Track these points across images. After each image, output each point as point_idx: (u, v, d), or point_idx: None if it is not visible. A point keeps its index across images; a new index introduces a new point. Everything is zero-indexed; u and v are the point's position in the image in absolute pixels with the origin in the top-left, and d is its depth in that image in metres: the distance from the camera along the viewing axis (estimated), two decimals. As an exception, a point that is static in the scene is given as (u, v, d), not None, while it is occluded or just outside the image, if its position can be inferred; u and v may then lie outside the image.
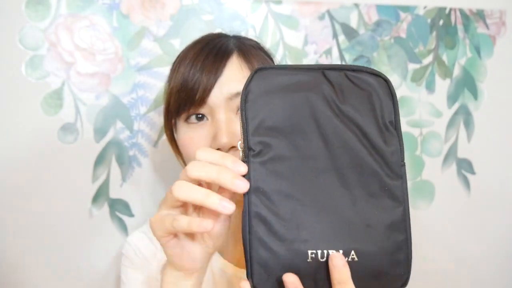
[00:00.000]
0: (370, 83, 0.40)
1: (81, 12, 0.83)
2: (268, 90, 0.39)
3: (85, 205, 0.85)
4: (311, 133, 0.39)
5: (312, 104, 0.39)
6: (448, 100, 0.98)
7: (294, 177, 0.38)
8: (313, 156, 0.39)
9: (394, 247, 0.39)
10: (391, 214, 0.39)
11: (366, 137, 0.39)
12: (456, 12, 0.97)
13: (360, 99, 0.39)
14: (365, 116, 0.39)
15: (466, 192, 1.00)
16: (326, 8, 0.92)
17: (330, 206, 0.38)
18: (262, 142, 0.39)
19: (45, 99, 0.83)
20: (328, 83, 0.39)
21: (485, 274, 1.02)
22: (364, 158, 0.39)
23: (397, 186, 0.39)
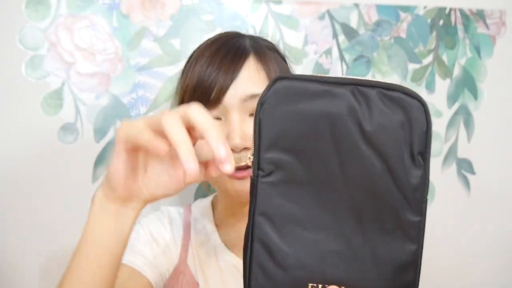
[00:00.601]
0: (405, 106, 0.34)
1: (81, 12, 0.83)
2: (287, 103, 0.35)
3: (85, 205, 0.85)
4: (329, 157, 0.35)
5: (335, 124, 0.34)
6: (448, 100, 0.98)
7: (304, 203, 0.36)
8: (328, 183, 0.35)
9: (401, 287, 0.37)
10: (403, 253, 0.37)
11: (389, 169, 0.35)
12: (456, 12, 0.97)
13: (391, 124, 0.34)
14: (393, 145, 0.34)
15: (466, 192, 1.00)
16: (326, 8, 0.92)
17: (339, 238, 0.36)
18: (274, 162, 0.36)
19: (45, 99, 0.83)
20: (357, 101, 0.34)
21: (485, 274, 1.02)
22: (384, 192, 0.35)
23: (415, 224, 0.37)
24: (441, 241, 0.99)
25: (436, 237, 0.99)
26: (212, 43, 0.66)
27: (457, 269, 1.00)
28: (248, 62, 0.61)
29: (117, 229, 0.45)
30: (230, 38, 0.66)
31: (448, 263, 1.00)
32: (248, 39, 0.66)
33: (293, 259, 0.36)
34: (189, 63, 0.66)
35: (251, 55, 0.62)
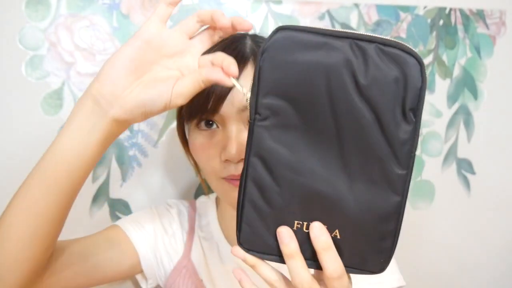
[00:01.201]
0: (402, 62, 0.35)
1: (81, 12, 0.83)
2: (286, 52, 0.36)
3: (85, 205, 0.85)
4: (323, 106, 0.36)
5: (330, 75, 0.36)
6: (448, 100, 0.98)
7: (296, 148, 0.38)
8: (320, 131, 0.37)
9: (381, 235, 0.39)
10: (387, 203, 0.38)
11: (379, 122, 0.36)
12: (456, 12, 0.97)
13: (386, 79, 0.35)
14: (386, 99, 0.36)
15: (466, 192, 1.00)
16: (326, 8, 0.92)
17: (326, 183, 0.38)
18: (270, 107, 0.38)
19: (45, 99, 0.83)
20: (354, 55, 0.36)
21: (485, 274, 1.02)
22: (372, 143, 0.37)
23: (400, 177, 0.37)
24: (441, 240, 0.99)
25: (436, 236, 0.99)
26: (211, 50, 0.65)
27: (457, 268, 1.01)
28: (246, 71, 0.59)
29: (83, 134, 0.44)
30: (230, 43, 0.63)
31: (448, 262, 1.00)
32: (250, 41, 0.64)
33: (281, 198, 0.38)
34: None
35: (250, 61, 0.61)
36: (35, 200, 0.46)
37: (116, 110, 0.43)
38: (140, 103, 0.43)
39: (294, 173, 0.38)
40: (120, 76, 0.43)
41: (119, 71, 0.43)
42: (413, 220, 0.97)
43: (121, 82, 0.43)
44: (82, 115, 0.44)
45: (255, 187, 0.39)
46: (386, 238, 0.39)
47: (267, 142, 0.38)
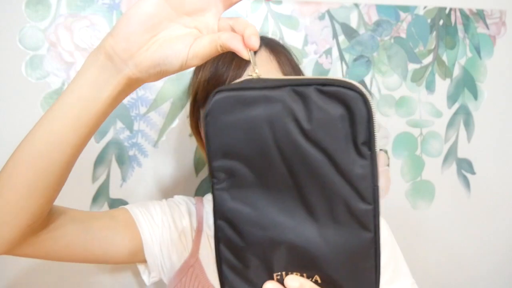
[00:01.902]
0: (344, 99, 0.35)
1: (81, 12, 0.83)
2: (228, 113, 0.36)
3: (85, 205, 0.85)
4: (274, 159, 0.36)
5: (274, 128, 0.35)
6: (448, 100, 0.98)
7: (258, 204, 0.37)
8: (278, 183, 0.37)
9: (362, 273, 0.38)
10: (359, 242, 0.37)
11: (333, 163, 0.35)
12: (456, 12, 0.97)
13: (330, 119, 0.35)
14: (334, 139, 0.35)
15: (466, 192, 1.00)
16: (326, 8, 0.92)
17: (294, 233, 0.37)
18: (224, 169, 0.37)
19: (45, 99, 0.83)
20: (294, 102, 0.35)
21: (485, 273, 1.02)
22: (331, 185, 0.36)
23: (367, 212, 0.36)
24: (441, 240, 0.99)
25: (436, 236, 0.99)
26: None
27: (456, 268, 1.01)
28: (259, 53, 0.61)
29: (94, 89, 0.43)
30: None
31: (448, 262, 1.00)
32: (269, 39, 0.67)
33: (254, 255, 0.38)
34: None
35: (262, 47, 0.62)
36: (39, 153, 0.45)
37: (130, 69, 0.41)
38: (156, 62, 0.41)
39: (261, 229, 0.37)
40: (136, 32, 0.41)
41: (135, 27, 0.41)
42: (413, 220, 0.97)
43: (137, 39, 0.41)
44: (94, 69, 0.42)
45: (227, 249, 0.39)
46: (368, 274, 0.38)
47: (229, 204, 0.38)
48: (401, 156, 0.96)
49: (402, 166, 0.97)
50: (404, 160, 0.97)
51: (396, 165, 0.96)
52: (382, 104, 0.95)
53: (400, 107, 0.96)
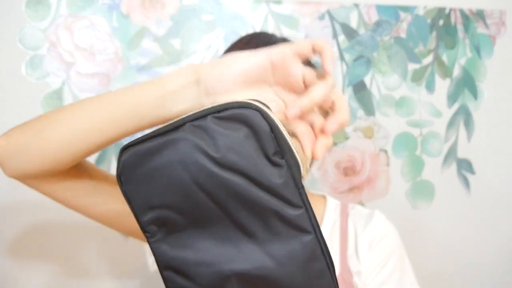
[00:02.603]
0: (242, 118, 0.35)
1: (81, 12, 0.83)
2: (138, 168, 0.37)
3: (85, 205, 0.85)
4: (197, 196, 0.36)
5: (188, 166, 0.36)
6: (448, 100, 0.98)
7: (197, 244, 0.38)
8: (208, 218, 0.37)
9: (316, 276, 0.38)
10: (303, 246, 0.37)
11: (252, 180, 0.36)
12: (456, 12, 0.97)
13: (237, 140, 0.35)
14: (246, 157, 0.35)
15: (466, 192, 1.00)
16: (326, 8, 0.92)
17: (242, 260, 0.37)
18: (154, 221, 0.38)
19: (45, 99, 0.83)
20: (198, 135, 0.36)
21: (485, 273, 1.02)
22: (257, 202, 0.36)
23: (300, 216, 0.36)
24: (441, 240, 0.99)
25: (436, 236, 0.99)
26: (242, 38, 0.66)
27: (456, 268, 1.01)
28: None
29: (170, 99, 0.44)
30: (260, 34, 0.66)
31: (448, 262, 1.00)
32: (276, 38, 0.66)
33: None
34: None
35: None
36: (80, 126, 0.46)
37: (207, 102, 0.42)
38: None
39: (207, 266, 0.38)
40: (229, 79, 0.42)
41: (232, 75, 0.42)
42: (413, 220, 0.97)
43: (228, 85, 0.42)
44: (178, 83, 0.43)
45: None
46: (323, 275, 0.38)
47: (169, 253, 0.38)
48: (401, 156, 0.96)
49: (402, 166, 0.97)
50: (404, 160, 0.97)
51: (396, 165, 0.96)
52: (382, 104, 0.95)
53: (400, 107, 0.96)
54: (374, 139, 0.95)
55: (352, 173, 0.95)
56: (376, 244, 0.66)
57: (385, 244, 0.66)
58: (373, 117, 0.94)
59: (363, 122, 0.94)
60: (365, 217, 0.69)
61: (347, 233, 0.68)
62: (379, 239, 0.66)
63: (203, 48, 0.87)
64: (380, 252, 0.65)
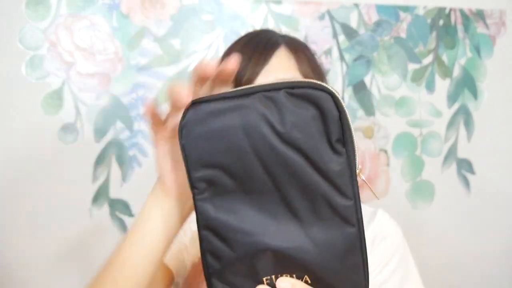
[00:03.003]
0: (313, 99, 0.36)
1: (81, 12, 0.83)
2: (202, 124, 0.37)
3: (85, 205, 0.85)
4: (252, 164, 0.37)
5: (250, 133, 0.36)
6: (448, 100, 0.98)
7: (241, 211, 0.38)
8: (258, 188, 0.37)
9: (350, 268, 0.38)
10: (344, 237, 0.37)
11: (310, 162, 0.36)
12: (456, 12, 0.97)
13: (303, 120, 0.36)
14: (309, 139, 0.36)
15: (466, 192, 1.00)
16: (326, 8, 0.92)
17: (280, 236, 0.37)
18: (204, 180, 0.38)
19: (45, 99, 0.83)
20: (266, 107, 0.36)
21: (485, 273, 1.02)
22: (311, 184, 0.36)
23: (349, 208, 0.37)
24: (441, 240, 0.99)
25: (436, 236, 0.99)
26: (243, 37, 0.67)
27: (456, 267, 1.00)
28: (279, 51, 0.62)
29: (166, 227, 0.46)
30: (261, 32, 0.67)
31: (448, 262, 1.00)
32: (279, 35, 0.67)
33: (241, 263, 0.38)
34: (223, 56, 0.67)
35: (282, 45, 0.63)
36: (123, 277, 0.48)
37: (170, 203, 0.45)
38: None
39: (246, 235, 0.38)
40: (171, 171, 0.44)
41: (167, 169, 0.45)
42: (413, 220, 0.97)
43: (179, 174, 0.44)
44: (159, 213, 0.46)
45: (214, 259, 0.39)
46: (356, 270, 0.38)
47: (212, 213, 0.38)
48: (401, 156, 0.96)
49: (402, 166, 0.97)
50: (404, 160, 0.97)
51: (396, 165, 0.96)
52: (382, 104, 0.95)
53: (400, 107, 0.96)
54: (374, 139, 0.95)
55: (352, 173, 0.95)
56: (378, 243, 0.66)
57: (388, 243, 0.66)
58: (373, 117, 0.94)
59: (363, 122, 0.94)
60: (368, 215, 0.69)
61: None
62: (382, 238, 0.66)
63: (203, 48, 0.87)
64: (383, 251, 0.65)
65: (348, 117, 0.36)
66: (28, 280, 0.84)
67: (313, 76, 0.65)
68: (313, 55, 0.69)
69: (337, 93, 0.36)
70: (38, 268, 0.84)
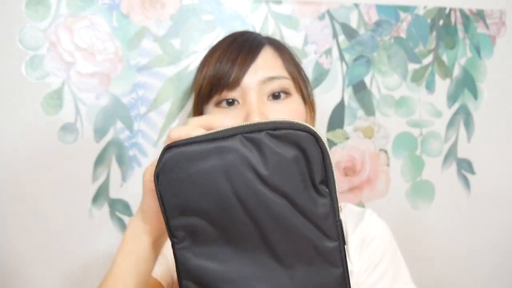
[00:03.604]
0: (295, 140, 0.34)
1: (81, 12, 0.83)
2: (180, 170, 0.35)
3: (85, 205, 0.85)
4: (235, 209, 0.35)
5: (231, 178, 0.35)
6: (448, 100, 0.98)
7: (223, 258, 0.36)
8: (241, 234, 0.36)
9: None
10: (331, 279, 0.37)
11: (294, 205, 0.35)
12: (456, 12, 0.97)
13: (285, 162, 0.34)
14: (292, 181, 0.35)
15: (466, 192, 1.00)
16: (326, 8, 0.92)
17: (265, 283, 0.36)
18: (184, 227, 0.36)
19: (45, 99, 0.83)
20: (248, 149, 0.34)
21: (485, 274, 1.02)
22: (295, 228, 0.35)
23: (334, 249, 0.36)
24: (441, 240, 0.99)
25: (436, 236, 0.99)
26: (227, 37, 0.68)
27: (456, 268, 1.00)
28: (264, 50, 0.63)
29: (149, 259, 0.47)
30: (245, 32, 0.68)
31: (448, 262, 1.00)
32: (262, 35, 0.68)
33: None
34: (205, 57, 0.68)
35: (267, 44, 0.64)
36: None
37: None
38: None
39: (229, 283, 0.36)
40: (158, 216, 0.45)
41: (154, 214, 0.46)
42: (413, 220, 0.97)
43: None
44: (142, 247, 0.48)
45: None
46: None
47: (193, 262, 0.37)
48: (401, 156, 0.96)
49: (402, 166, 0.97)
50: (404, 160, 0.97)
51: (396, 165, 0.96)
52: (382, 104, 0.95)
53: (400, 107, 0.96)
54: (374, 139, 0.95)
55: (352, 173, 0.95)
56: (368, 243, 0.65)
57: (377, 243, 0.66)
58: (373, 117, 0.94)
59: (363, 122, 0.94)
60: (356, 216, 0.69)
61: None
62: (371, 239, 0.66)
63: (203, 48, 0.87)
64: (372, 252, 0.65)
65: (330, 158, 0.35)
66: (28, 280, 0.84)
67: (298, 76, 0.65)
68: (294, 55, 0.71)
69: (319, 133, 0.35)
70: (38, 268, 0.84)
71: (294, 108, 0.63)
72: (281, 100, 0.62)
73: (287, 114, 0.61)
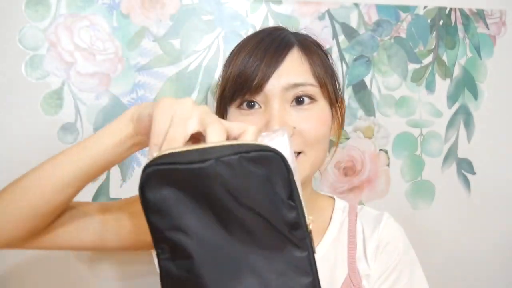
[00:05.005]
0: (265, 161, 0.37)
1: (81, 12, 0.83)
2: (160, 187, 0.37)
3: (85, 205, 0.85)
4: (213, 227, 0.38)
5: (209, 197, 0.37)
6: (448, 100, 0.98)
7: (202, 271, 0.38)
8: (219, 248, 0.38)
9: None
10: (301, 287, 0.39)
11: (267, 220, 0.38)
12: (456, 12, 0.97)
13: (257, 182, 0.37)
14: (264, 199, 0.38)
15: (466, 192, 1.00)
16: (326, 8, 0.92)
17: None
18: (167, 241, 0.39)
19: (45, 99, 0.83)
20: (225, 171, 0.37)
21: (485, 274, 1.02)
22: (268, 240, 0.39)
23: (304, 259, 0.39)
24: (441, 240, 0.99)
25: (436, 236, 0.99)
26: (256, 35, 0.65)
27: (456, 268, 1.00)
28: (292, 53, 0.61)
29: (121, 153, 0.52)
30: (274, 30, 0.65)
31: (448, 262, 1.00)
32: (292, 34, 0.66)
33: None
34: (232, 54, 0.66)
35: (295, 46, 0.62)
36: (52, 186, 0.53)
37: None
38: None
39: None
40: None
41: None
42: (413, 220, 0.97)
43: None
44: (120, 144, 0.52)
45: None
46: None
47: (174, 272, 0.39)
48: (401, 156, 0.96)
49: (402, 166, 0.97)
50: (404, 160, 0.97)
51: (396, 165, 0.96)
52: (382, 104, 0.95)
53: (400, 107, 0.96)
54: (374, 139, 0.95)
55: (352, 173, 0.95)
56: (384, 247, 0.66)
57: (394, 248, 0.66)
58: (373, 117, 0.94)
59: (363, 122, 0.94)
60: (374, 219, 0.69)
61: (355, 234, 0.67)
62: (387, 243, 0.66)
63: (203, 48, 0.87)
64: (389, 256, 0.65)
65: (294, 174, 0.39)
66: (28, 280, 0.84)
67: (325, 78, 0.63)
68: (326, 55, 0.68)
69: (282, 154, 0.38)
70: (38, 268, 0.84)
71: (318, 114, 0.61)
72: (304, 105, 0.60)
73: (310, 121, 0.60)
